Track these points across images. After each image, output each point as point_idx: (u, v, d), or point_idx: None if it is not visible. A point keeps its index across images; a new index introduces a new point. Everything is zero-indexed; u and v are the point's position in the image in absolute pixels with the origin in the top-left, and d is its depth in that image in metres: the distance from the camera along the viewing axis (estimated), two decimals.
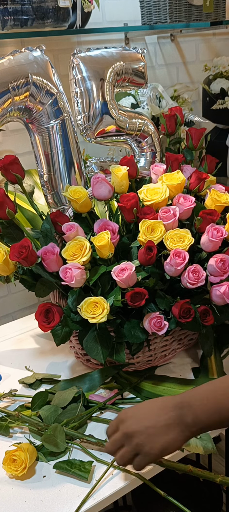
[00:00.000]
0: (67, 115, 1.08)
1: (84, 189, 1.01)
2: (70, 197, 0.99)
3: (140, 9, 1.57)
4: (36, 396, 0.94)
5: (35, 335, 1.27)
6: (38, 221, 1.13)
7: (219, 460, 1.72)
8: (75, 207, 1.01)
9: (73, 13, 1.30)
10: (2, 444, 0.88)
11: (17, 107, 1.02)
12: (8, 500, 0.77)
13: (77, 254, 0.93)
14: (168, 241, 0.94)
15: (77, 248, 0.94)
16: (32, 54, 1.04)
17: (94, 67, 1.12)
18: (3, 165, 1.01)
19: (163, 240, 0.94)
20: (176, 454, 0.81)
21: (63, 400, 0.92)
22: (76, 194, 0.99)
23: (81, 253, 0.93)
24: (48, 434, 0.83)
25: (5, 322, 1.41)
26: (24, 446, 0.81)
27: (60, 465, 0.81)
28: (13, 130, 1.40)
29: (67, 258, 0.94)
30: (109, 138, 1.20)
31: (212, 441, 0.84)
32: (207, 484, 1.38)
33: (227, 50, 1.95)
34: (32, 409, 0.92)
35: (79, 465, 0.80)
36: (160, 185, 1.03)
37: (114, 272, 0.91)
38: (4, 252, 0.95)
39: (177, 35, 1.76)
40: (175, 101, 1.60)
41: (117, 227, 0.98)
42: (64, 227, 0.97)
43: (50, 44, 1.40)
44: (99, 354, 0.93)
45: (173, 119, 1.25)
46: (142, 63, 1.22)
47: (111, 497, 0.77)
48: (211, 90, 1.65)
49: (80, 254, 0.93)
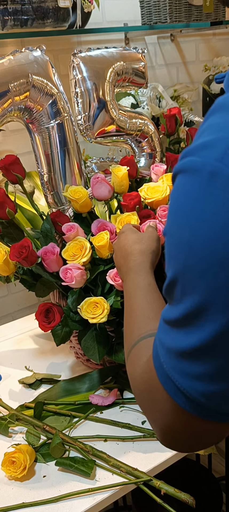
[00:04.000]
0: (67, 115, 1.08)
1: (84, 189, 1.01)
2: (70, 197, 0.99)
3: (140, 9, 1.57)
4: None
5: (35, 335, 1.27)
6: (38, 221, 1.13)
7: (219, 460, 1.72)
8: (75, 207, 1.01)
9: (73, 13, 1.30)
10: (1, 444, 0.88)
11: (17, 107, 1.02)
12: (8, 500, 0.77)
13: (77, 255, 0.93)
14: None
15: (77, 249, 0.94)
16: (32, 54, 1.04)
17: (94, 67, 1.12)
18: (4, 165, 1.01)
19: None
20: (176, 454, 0.82)
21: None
22: (76, 194, 0.99)
23: (81, 253, 0.93)
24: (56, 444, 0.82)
25: (5, 322, 1.40)
26: (23, 447, 0.80)
27: (63, 462, 0.81)
28: (13, 130, 1.41)
29: (67, 259, 0.93)
30: (109, 138, 1.20)
31: None
32: (207, 484, 1.38)
33: (227, 50, 1.95)
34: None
35: (82, 462, 0.80)
36: (160, 183, 1.04)
37: (109, 276, 0.91)
38: (4, 252, 0.95)
39: (177, 35, 1.76)
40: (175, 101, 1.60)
41: (114, 227, 0.98)
42: (64, 228, 0.97)
43: (50, 44, 1.40)
44: (95, 354, 0.93)
45: (173, 119, 1.25)
46: (142, 63, 1.22)
47: (111, 497, 0.77)
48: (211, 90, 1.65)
49: (80, 254, 0.93)
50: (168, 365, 0.47)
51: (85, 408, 0.94)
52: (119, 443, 0.85)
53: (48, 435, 0.87)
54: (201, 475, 1.41)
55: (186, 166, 0.43)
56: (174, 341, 0.46)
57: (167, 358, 0.47)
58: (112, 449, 0.83)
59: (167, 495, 0.75)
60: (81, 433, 0.88)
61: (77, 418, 0.92)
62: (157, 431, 0.54)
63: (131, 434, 0.86)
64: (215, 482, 1.39)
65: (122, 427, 0.88)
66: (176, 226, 0.43)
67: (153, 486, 0.76)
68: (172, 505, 0.74)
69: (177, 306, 0.45)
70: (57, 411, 0.93)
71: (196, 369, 0.44)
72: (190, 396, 0.45)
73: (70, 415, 0.92)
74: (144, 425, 0.88)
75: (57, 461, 0.81)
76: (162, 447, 0.82)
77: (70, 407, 0.95)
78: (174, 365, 0.46)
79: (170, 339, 0.47)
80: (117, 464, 0.79)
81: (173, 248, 0.44)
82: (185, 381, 0.45)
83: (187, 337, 0.44)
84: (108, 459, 0.80)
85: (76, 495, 0.76)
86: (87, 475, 0.78)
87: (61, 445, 0.82)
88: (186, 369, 0.45)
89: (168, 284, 0.46)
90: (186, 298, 0.43)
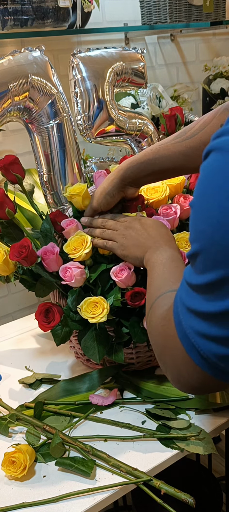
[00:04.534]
0: (67, 115, 1.08)
1: (82, 184, 0.99)
2: (71, 194, 0.97)
3: (140, 9, 1.57)
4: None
5: (35, 335, 1.27)
6: (38, 221, 1.13)
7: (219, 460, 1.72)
8: (78, 202, 0.98)
9: (73, 13, 1.31)
10: (1, 444, 0.88)
11: (16, 107, 1.02)
12: (8, 500, 0.77)
13: (78, 248, 0.93)
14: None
15: (78, 243, 0.93)
16: (31, 54, 1.04)
17: (94, 67, 1.13)
18: (4, 165, 1.01)
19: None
20: (176, 454, 0.82)
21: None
22: (76, 189, 0.97)
23: (82, 247, 0.93)
24: (56, 444, 0.82)
25: (5, 322, 1.41)
26: (23, 447, 0.80)
27: (63, 461, 0.81)
28: (13, 130, 1.41)
29: (68, 253, 0.93)
30: (109, 138, 1.20)
31: (212, 441, 0.83)
32: (207, 484, 1.38)
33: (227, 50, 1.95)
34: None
35: (82, 462, 0.80)
36: (160, 183, 1.04)
37: (113, 273, 0.91)
38: (4, 252, 0.95)
39: (177, 35, 1.76)
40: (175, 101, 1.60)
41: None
42: (64, 223, 0.97)
43: (50, 44, 1.40)
44: (95, 354, 0.93)
45: (173, 119, 1.25)
46: (141, 63, 1.22)
47: (111, 497, 0.77)
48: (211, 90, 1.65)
49: (81, 248, 0.93)
50: (187, 323, 0.50)
51: (85, 408, 0.94)
52: (119, 443, 0.85)
53: (48, 435, 0.87)
54: (201, 475, 1.41)
55: (220, 145, 0.44)
56: (195, 303, 0.49)
57: (186, 316, 0.50)
58: (112, 449, 0.83)
59: (167, 495, 0.74)
60: (81, 433, 0.88)
61: (77, 418, 0.92)
62: (168, 373, 0.59)
63: (131, 434, 0.86)
64: (215, 482, 1.39)
65: (122, 427, 0.88)
66: (205, 201, 0.45)
67: (153, 486, 0.76)
68: (172, 505, 0.74)
69: (200, 275, 0.47)
70: (57, 411, 0.93)
71: (213, 331, 0.47)
72: (203, 354, 0.49)
73: (70, 415, 0.92)
74: (144, 425, 0.88)
75: (57, 461, 0.81)
76: (162, 447, 0.82)
77: (70, 407, 0.95)
78: (192, 324, 0.49)
79: (190, 300, 0.50)
80: (117, 464, 0.79)
81: (200, 222, 0.45)
82: (201, 341, 0.49)
83: (208, 303, 0.46)
84: (108, 459, 0.80)
85: (76, 495, 0.76)
86: (87, 475, 0.78)
87: (61, 445, 0.82)
88: (203, 330, 0.48)
89: (191, 254, 0.48)
90: (209, 270, 0.45)
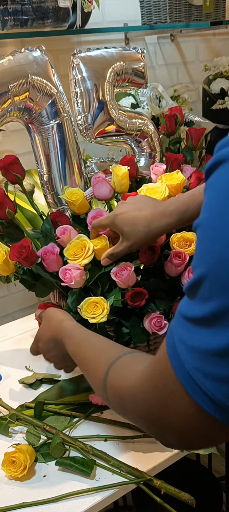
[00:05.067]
0: (67, 115, 1.08)
1: (80, 191, 1.00)
2: (67, 199, 0.99)
3: (140, 9, 1.57)
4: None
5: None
6: (38, 221, 1.13)
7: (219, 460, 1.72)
8: (73, 209, 1.00)
9: (73, 13, 1.30)
10: (1, 444, 0.88)
11: (17, 107, 1.02)
12: (8, 500, 0.77)
13: (78, 254, 0.92)
14: (174, 245, 0.94)
15: (78, 248, 0.93)
16: (31, 54, 1.04)
17: (94, 67, 1.13)
18: (4, 165, 1.01)
19: (169, 242, 0.95)
20: (176, 454, 0.82)
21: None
22: (73, 196, 0.99)
23: (82, 253, 0.92)
24: (56, 444, 0.82)
25: (5, 322, 1.40)
26: (23, 447, 0.80)
27: (63, 461, 0.81)
28: (13, 130, 1.41)
29: (68, 258, 0.93)
30: (109, 138, 1.20)
31: None
32: (207, 484, 1.38)
33: (227, 50, 1.95)
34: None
35: (82, 462, 0.80)
36: (159, 184, 1.04)
37: (113, 273, 0.91)
38: (4, 252, 0.95)
39: (177, 35, 1.76)
40: (175, 101, 1.60)
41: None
42: (58, 231, 0.97)
43: (50, 44, 1.40)
44: None
45: (173, 119, 1.25)
46: (142, 63, 1.22)
47: (111, 497, 0.77)
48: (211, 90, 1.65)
49: (81, 254, 0.92)
50: (191, 365, 0.43)
51: (85, 408, 0.94)
52: (119, 443, 0.85)
53: (48, 435, 0.87)
54: (201, 475, 1.41)
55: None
56: (200, 340, 0.42)
57: (189, 358, 0.43)
58: (112, 449, 0.83)
59: (167, 495, 0.75)
60: (81, 433, 0.88)
61: (77, 418, 0.92)
62: (169, 435, 0.50)
63: (131, 434, 0.86)
64: (215, 482, 1.39)
65: (122, 427, 0.88)
66: (213, 218, 0.40)
67: (153, 486, 0.76)
68: (172, 505, 0.74)
69: (204, 304, 0.42)
70: (57, 411, 0.93)
71: (224, 371, 0.41)
72: (215, 398, 0.42)
73: (70, 415, 0.92)
74: None
75: (57, 461, 0.81)
76: (162, 447, 0.82)
77: (70, 407, 0.95)
78: (198, 365, 0.43)
79: (194, 338, 0.43)
80: (117, 464, 0.79)
81: (210, 242, 0.41)
82: (211, 383, 0.42)
83: (216, 337, 0.41)
84: (108, 459, 0.80)
85: (76, 495, 0.76)
86: (87, 475, 0.78)
87: (61, 445, 0.82)
88: (213, 370, 0.42)
89: (193, 283, 0.43)
90: (216, 296, 0.40)
